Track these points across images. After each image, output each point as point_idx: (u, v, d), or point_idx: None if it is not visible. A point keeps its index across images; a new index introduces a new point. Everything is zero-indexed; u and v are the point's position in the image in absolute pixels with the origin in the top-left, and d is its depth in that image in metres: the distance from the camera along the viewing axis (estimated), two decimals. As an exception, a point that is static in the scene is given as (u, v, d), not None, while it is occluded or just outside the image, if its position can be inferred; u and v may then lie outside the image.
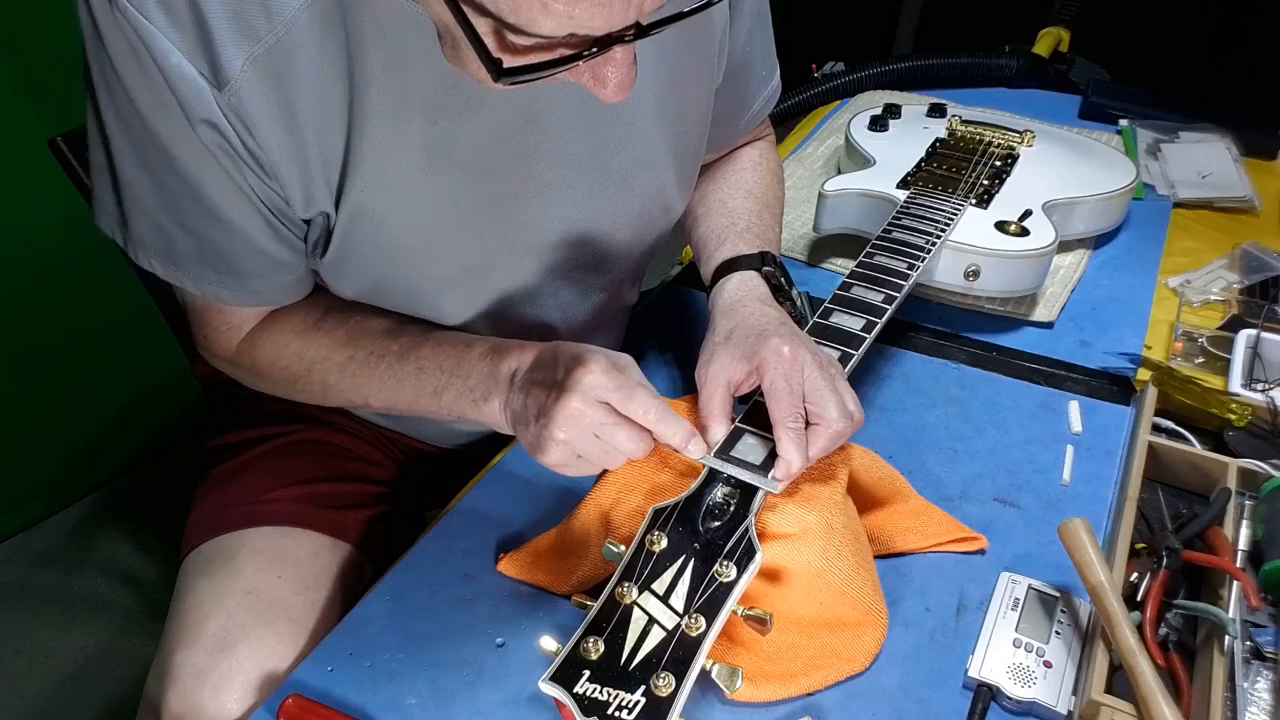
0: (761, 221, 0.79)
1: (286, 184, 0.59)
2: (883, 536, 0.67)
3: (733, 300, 0.71)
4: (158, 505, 1.72)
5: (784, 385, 0.60)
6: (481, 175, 0.63)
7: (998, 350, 0.89)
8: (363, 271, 0.66)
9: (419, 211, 0.63)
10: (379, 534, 0.81)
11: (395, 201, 0.62)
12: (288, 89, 0.55)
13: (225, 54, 0.53)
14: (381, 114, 0.58)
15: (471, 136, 0.61)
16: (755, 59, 0.78)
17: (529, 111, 0.63)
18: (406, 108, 0.58)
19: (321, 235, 0.64)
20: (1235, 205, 1.11)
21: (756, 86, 0.81)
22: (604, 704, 0.46)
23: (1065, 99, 1.40)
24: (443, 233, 0.65)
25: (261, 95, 0.55)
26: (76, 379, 1.63)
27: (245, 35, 0.53)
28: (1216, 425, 0.77)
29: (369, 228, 0.63)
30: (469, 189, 0.64)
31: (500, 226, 0.67)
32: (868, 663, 0.59)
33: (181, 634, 0.69)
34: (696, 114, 0.73)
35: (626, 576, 0.52)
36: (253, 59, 0.54)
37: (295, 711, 0.56)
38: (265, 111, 0.55)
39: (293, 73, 0.55)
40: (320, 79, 0.56)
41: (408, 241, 0.64)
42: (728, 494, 0.57)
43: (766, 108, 0.85)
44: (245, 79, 0.54)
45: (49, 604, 1.55)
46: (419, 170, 0.61)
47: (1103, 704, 0.53)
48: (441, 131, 0.60)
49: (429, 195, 0.63)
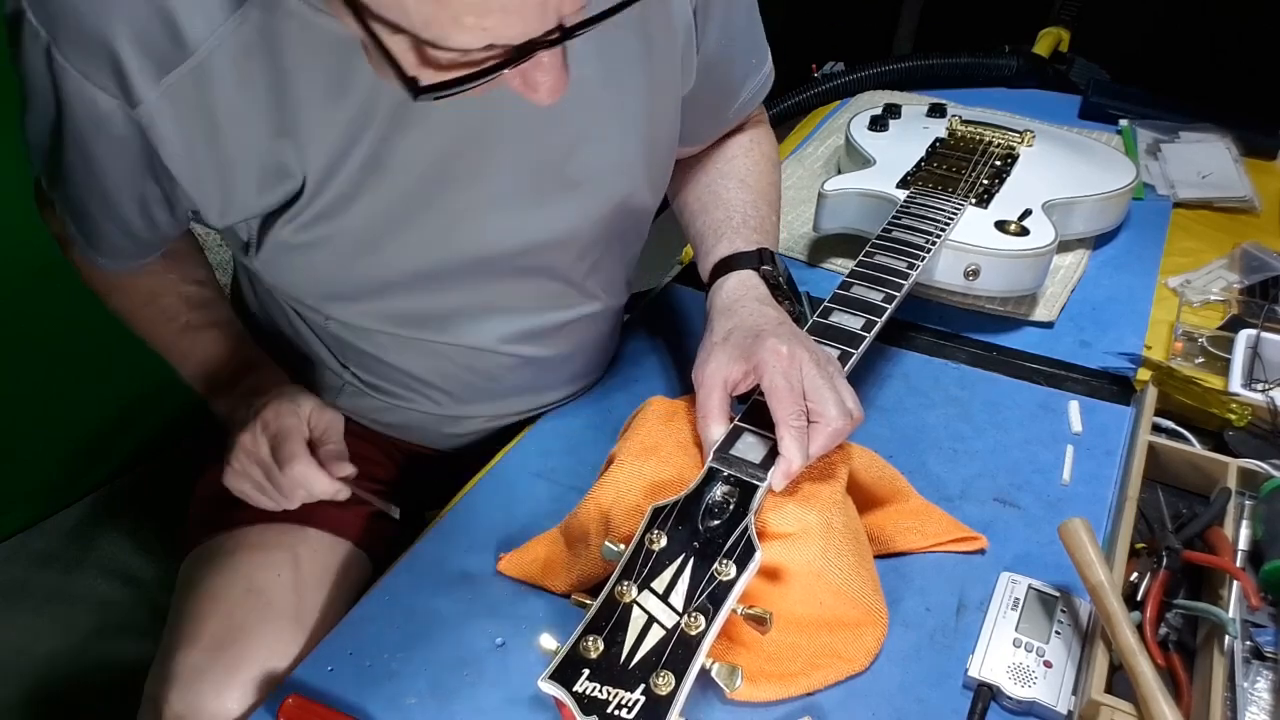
0: (758, 213, 0.78)
1: (200, 198, 0.61)
2: (883, 536, 0.67)
3: (730, 301, 0.70)
4: (158, 505, 1.71)
5: (784, 383, 0.60)
6: (432, 186, 0.63)
7: (998, 350, 0.89)
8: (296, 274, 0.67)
9: (366, 223, 0.63)
10: (379, 533, 0.81)
11: (337, 210, 0.62)
12: (207, 113, 0.56)
13: (135, 80, 0.54)
14: (319, 127, 0.58)
15: (421, 148, 0.61)
16: (737, 52, 0.77)
17: (480, 120, 0.62)
18: (347, 120, 0.58)
19: (253, 238, 0.65)
20: (1235, 205, 1.11)
21: (741, 77, 0.79)
22: (603, 702, 0.46)
23: (1065, 99, 1.40)
24: (392, 244, 0.65)
25: (174, 120, 0.56)
26: (76, 379, 1.63)
27: (155, 63, 0.54)
28: (1216, 425, 0.77)
29: (305, 235, 0.63)
30: (419, 200, 0.63)
31: (454, 236, 0.66)
32: (868, 662, 0.59)
33: (181, 633, 0.69)
34: (662, 119, 0.71)
35: (626, 575, 0.52)
36: (165, 87, 0.55)
37: (295, 711, 0.56)
38: (179, 135, 0.57)
39: (212, 98, 0.56)
40: (248, 102, 0.57)
41: (354, 253, 0.65)
42: (727, 493, 0.57)
43: (758, 96, 0.83)
44: (158, 106, 0.55)
45: (49, 604, 1.55)
46: (366, 185, 0.61)
47: (1103, 704, 0.53)
48: (390, 146, 0.60)
49: (377, 208, 0.63)
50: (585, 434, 0.80)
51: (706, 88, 0.74)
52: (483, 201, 0.65)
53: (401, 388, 0.79)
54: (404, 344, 0.74)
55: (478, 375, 0.77)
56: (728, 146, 0.84)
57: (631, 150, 0.70)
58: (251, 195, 0.61)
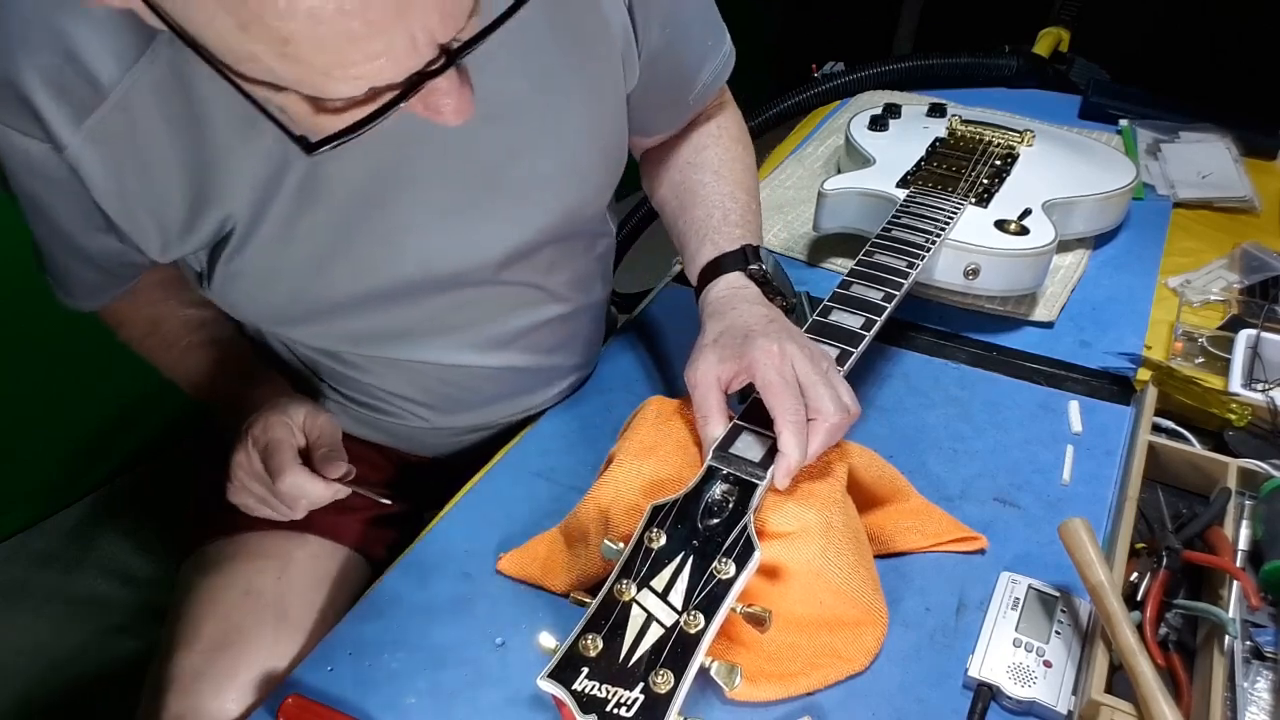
0: (737, 204, 0.77)
1: (138, 236, 0.61)
2: (883, 536, 0.67)
3: (720, 303, 0.70)
4: (158, 505, 1.71)
5: (778, 380, 0.60)
6: (369, 206, 0.63)
7: (998, 350, 0.89)
8: (249, 299, 0.67)
9: (303, 247, 0.63)
10: (377, 536, 0.81)
11: (269, 244, 0.62)
12: (132, 151, 0.56)
13: (54, 126, 0.54)
14: (242, 156, 0.58)
15: (353, 170, 0.61)
16: (688, 40, 0.74)
17: (412, 138, 0.61)
18: (275, 153, 0.58)
19: (204, 269, 0.65)
20: (1235, 205, 1.11)
21: (696, 63, 0.76)
22: (603, 701, 0.46)
23: (1065, 99, 1.40)
24: (337, 267, 0.65)
25: (100, 161, 0.56)
26: (76, 379, 1.63)
27: (73, 107, 0.54)
28: (1216, 425, 0.77)
29: (243, 267, 0.63)
30: (358, 221, 0.63)
31: (398, 255, 0.66)
32: (867, 662, 0.59)
33: (180, 635, 0.69)
34: (606, 122, 0.70)
35: (625, 574, 0.52)
36: (86, 129, 0.55)
37: (295, 711, 0.56)
38: (107, 175, 0.57)
39: (135, 137, 0.56)
40: (170, 138, 0.57)
41: (290, 271, 0.64)
42: (726, 491, 0.57)
43: (720, 77, 0.79)
44: (81, 148, 0.55)
45: (49, 604, 1.55)
46: (302, 211, 0.61)
47: (1103, 704, 0.53)
48: (322, 170, 0.60)
49: (313, 231, 0.62)
50: (585, 434, 0.80)
51: (659, 81, 0.72)
52: (422, 218, 0.65)
53: (383, 403, 0.78)
54: (372, 362, 0.74)
55: (455, 387, 0.77)
56: (695, 136, 0.82)
57: (573, 157, 0.69)
58: (187, 229, 0.61)
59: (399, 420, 0.80)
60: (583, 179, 0.71)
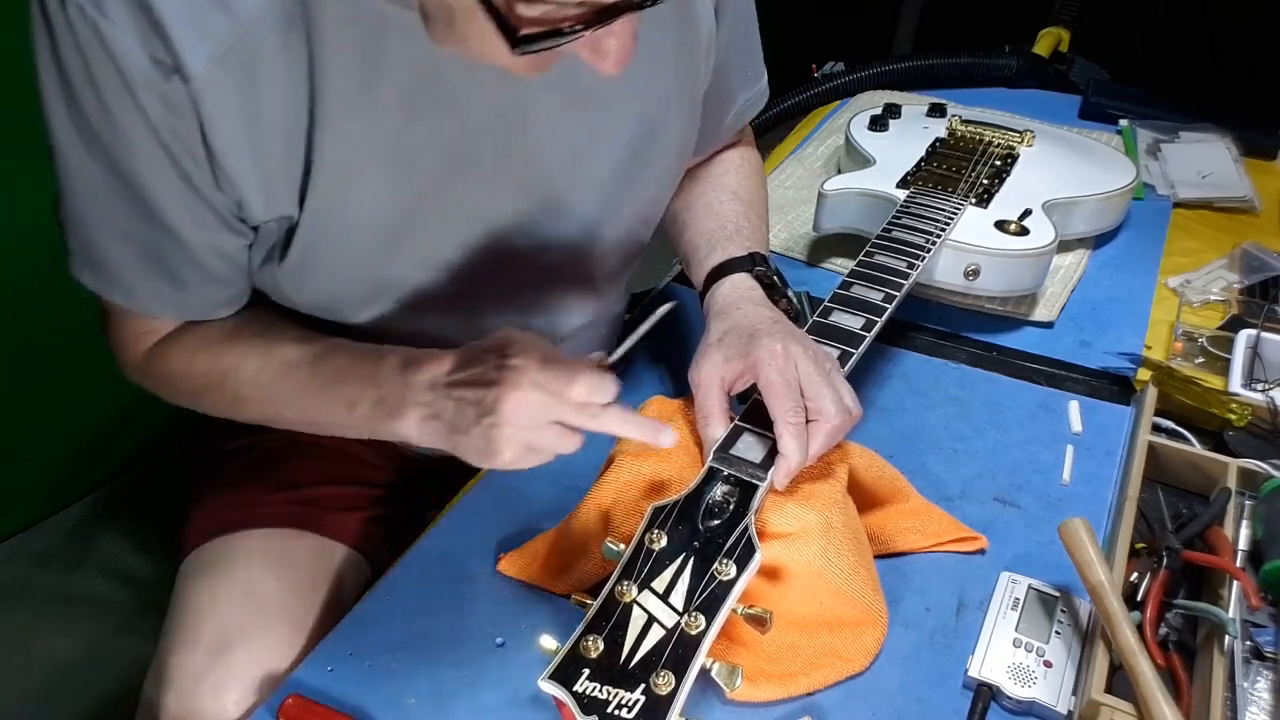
0: (750, 223, 0.78)
1: (245, 188, 0.58)
2: (883, 536, 0.67)
3: (726, 304, 0.70)
4: (158, 505, 1.71)
5: (780, 381, 0.60)
6: (451, 176, 0.62)
7: (998, 350, 0.89)
8: (325, 276, 0.64)
9: (385, 211, 0.62)
10: (378, 536, 0.81)
11: (361, 201, 0.61)
12: (252, 90, 0.55)
13: (186, 53, 0.52)
14: (348, 112, 0.57)
15: (443, 136, 0.61)
16: (737, 61, 0.77)
17: (504, 115, 0.61)
18: (376, 106, 0.58)
19: (280, 240, 0.62)
20: (1235, 205, 1.11)
21: (737, 87, 0.79)
22: (604, 702, 0.46)
23: (1065, 99, 1.40)
24: (409, 234, 0.64)
25: (224, 97, 0.54)
26: (76, 379, 1.63)
27: (206, 36, 0.52)
28: (1216, 425, 0.77)
29: (332, 229, 0.62)
30: (437, 190, 0.63)
31: (470, 229, 0.65)
32: (868, 662, 0.59)
33: (179, 636, 0.69)
34: (684, 117, 0.72)
35: (626, 575, 0.52)
36: (215, 60, 0.53)
37: (295, 711, 0.56)
38: (228, 113, 0.54)
39: (256, 74, 0.54)
40: (285, 79, 0.55)
41: (371, 242, 0.63)
42: (727, 492, 0.57)
43: (751, 110, 0.83)
44: (208, 80, 0.53)
45: (49, 604, 1.55)
46: (386, 169, 0.60)
47: (1103, 704, 0.53)
48: (413, 130, 0.59)
49: (397, 194, 0.61)
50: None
51: (710, 93, 0.74)
52: (501, 197, 0.65)
53: None
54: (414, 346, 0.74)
55: None
56: (719, 162, 0.85)
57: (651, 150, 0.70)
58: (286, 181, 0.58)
59: None
60: (655, 175, 0.72)
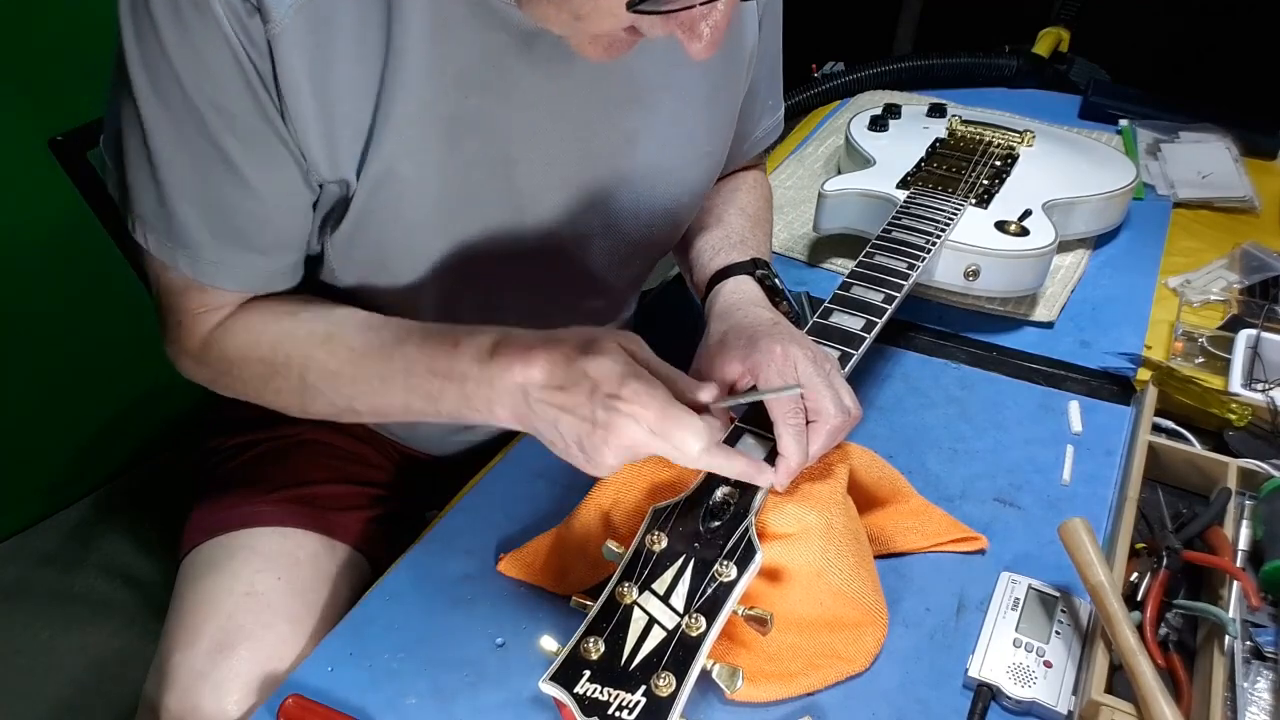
0: (755, 237, 0.80)
1: (310, 141, 0.57)
2: (883, 536, 0.67)
3: (727, 305, 0.71)
4: (158, 505, 1.71)
5: (780, 382, 0.60)
6: (502, 162, 0.63)
7: (998, 350, 0.89)
8: (374, 246, 0.64)
9: (436, 185, 0.62)
10: (378, 535, 0.81)
11: (415, 173, 0.61)
12: (326, 44, 0.54)
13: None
14: (414, 81, 0.57)
15: (499, 118, 0.61)
16: (763, 87, 0.80)
17: (556, 106, 0.62)
18: (440, 77, 0.58)
19: (337, 207, 0.62)
20: (1235, 205, 1.11)
21: (760, 113, 0.82)
22: (604, 704, 0.46)
23: (1065, 99, 1.40)
24: (454, 214, 0.65)
25: (300, 45, 0.53)
26: (76, 379, 1.63)
27: None
28: (1216, 425, 0.77)
29: (387, 198, 0.61)
30: (488, 173, 0.63)
31: (512, 218, 0.67)
32: (868, 663, 0.59)
33: (180, 635, 0.69)
34: (722, 126, 0.73)
35: (626, 576, 0.52)
36: (296, 7, 0.52)
37: (295, 711, 0.56)
38: (301, 62, 0.54)
39: (332, 28, 0.54)
40: (358, 39, 0.55)
41: (420, 216, 0.63)
42: (728, 493, 0.57)
43: (768, 138, 0.86)
44: (288, 24, 0.52)
45: (49, 604, 1.55)
46: (441, 143, 0.61)
47: (1103, 704, 0.53)
48: (471, 107, 0.60)
49: (449, 170, 0.62)
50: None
51: None
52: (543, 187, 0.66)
53: None
54: None
55: None
56: (732, 180, 0.87)
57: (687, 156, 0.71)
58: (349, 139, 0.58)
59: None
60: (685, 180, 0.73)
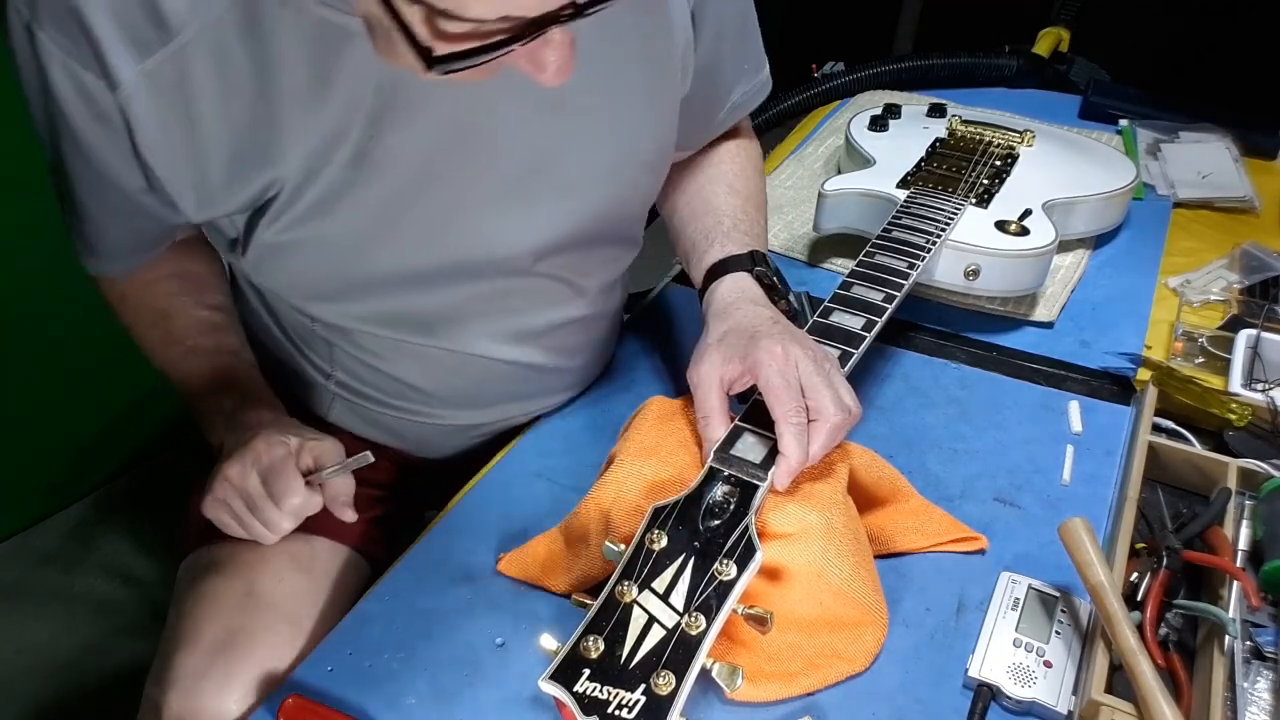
0: (748, 217, 0.78)
1: (175, 188, 0.60)
2: (883, 536, 0.67)
3: (725, 304, 0.70)
4: (158, 505, 1.71)
5: (781, 381, 0.60)
6: (419, 186, 0.63)
7: (998, 350, 0.89)
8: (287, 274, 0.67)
9: (348, 222, 0.63)
10: (378, 535, 0.81)
11: (327, 211, 0.62)
12: (186, 100, 0.56)
13: (113, 60, 0.54)
14: (307, 124, 0.58)
15: (409, 146, 0.60)
16: (730, 58, 0.76)
17: (472, 121, 0.61)
18: (336, 118, 0.58)
19: (240, 237, 0.65)
20: (1235, 205, 1.11)
21: (731, 81, 0.78)
22: (604, 703, 0.46)
23: (1065, 99, 1.40)
24: (379, 245, 0.65)
25: (153, 104, 0.56)
26: (76, 379, 1.63)
27: (136, 45, 0.53)
28: (1216, 425, 0.77)
29: (292, 236, 0.63)
30: (407, 201, 0.63)
31: (441, 238, 0.66)
32: (868, 663, 0.59)
33: (181, 636, 0.69)
34: (658, 124, 0.71)
35: (626, 575, 0.52)
36: (143, 71, 0.54)
37: (295, 711, 0.56)
38: (156, 120, 0.56)
39: (192, 85, 0.55)
40: (228, 92, 0.56)
41: (338, 250, 0.64)
42: (728, 492, 0.57)
43: (751, 101, 0.82)
44: (135, 89, 0.55)
45: (49, 604, 1.55)
46: (353, 183, 0.61)
47: (1103, 704, 0.53)
48: (378, 142, 0.60)
49: (364, 208, 0.62)
50: (585, 434, 0.80)
51: (698, 92, 0.73)
52: (471, 203, 0.65)
53: (388, 394, 0.78)
54: (390, 347, 0.74)
55: (470, 380, 0.77)
56: (715, 152, 0.84)
57: (626, 155, 0.69)
58: (228, 189, 0.60)
59: (406, 416, 0.80)
60: (632, 178, 0.71)
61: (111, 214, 0.66)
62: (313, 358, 0.79)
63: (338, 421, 0.83)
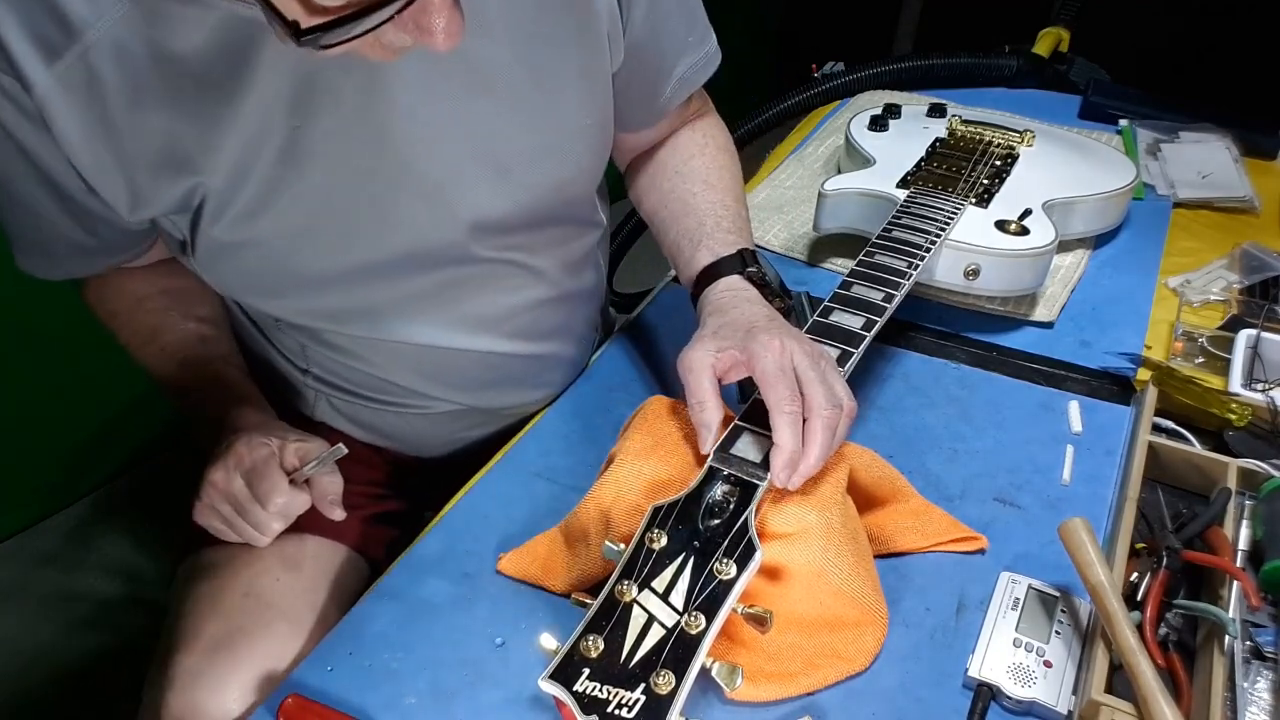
0: (729, 212, 0.77)
1: (106, 190, 0.60)
2: (883, 536, 0.67)
3: (722, 302, 0.70)
4: (158, 505, 1.71)
5: (776, 371, 0.60)
6: (354, 178, 0.62)
7: (998, 350, 0.89)
8: (234, 271, 0.67)
9: (282, 219, 0.62)
10: (377, 535, 0.81)
11: (263, 204, 0.61)
12: (100, 102, 0.55)
13: (26, 67, 0.53)
14: (229, 119, 0.57)
15: (335, 137, 0.60)
16: (669, 31, 0.74)
17: (397, 108, 0.60)
18: (258, 111, 0.57)
19: (187, 239, 0.65)
20: (1235, 205, 1.11)
21: (674, 55, 0.75)
22: (604, 702, 0.46)
23: (1065, 99, 1.40)
24: (321, 239, 0.64)
25: (68, 109, 0.55)
26: (76, 379, 1.63)
27: (44, 48, 0.53)
28: (1216, 425, 0.77)
29: (240, 230, 0.63)
30: (343, 193, 0.63)
31: (383, 229, 0.65)
32: (868, 662, 0.59)
33: (180, 636, 0.69)
34: (594, 101, 0.70)
35: (626, 574, 0.52)
36: (56, 73, 0.54)
37: (295, 711, 0.56)
38: (75, 123, 0.56)
39: (102, 86, 0.55)
40: (142, 91, 0.56)
41: (278, 242, 0.64)
42: (727, 492, 0.57)
43: (700, 75, 0.79)
44: (50, 91, 0.54)
45: (49, 604, 1.55)
46: (285, 179, 0.61)
47: (1103, 704, 0.53)
48: (302, 134, 0.59)
49: (292, 202, 0.62)
50: (585, 434, 0.80)
51: (637, 70, 0.72)
52: (403, 191, 0.64)
53: (363, 388, 0.78)
54: (357, 344, 0.74)
55: (441, 370, 0.76)
56: (682, 145, 0.83)
57: (561, 135, 0.69)
58: (156, 190, 0.60)
59: (386, 410, 0.80)
60: (569, 157, 0.71)
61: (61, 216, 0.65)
62: (288, 355, 0.79)
63: (324, 420, 0.83)
